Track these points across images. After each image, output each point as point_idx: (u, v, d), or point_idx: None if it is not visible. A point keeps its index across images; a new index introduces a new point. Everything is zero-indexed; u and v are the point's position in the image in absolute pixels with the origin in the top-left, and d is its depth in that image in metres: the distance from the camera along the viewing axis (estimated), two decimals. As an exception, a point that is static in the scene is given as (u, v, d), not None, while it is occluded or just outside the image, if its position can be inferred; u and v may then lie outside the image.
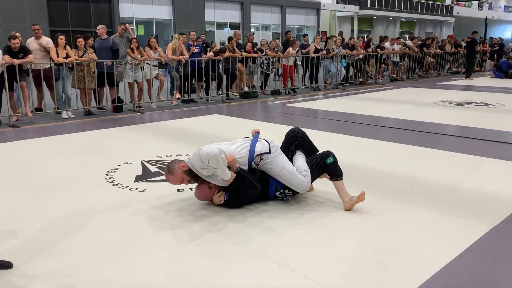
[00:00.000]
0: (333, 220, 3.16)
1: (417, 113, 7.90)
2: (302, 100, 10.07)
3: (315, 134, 6.33)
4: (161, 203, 3.49)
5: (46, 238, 2.87)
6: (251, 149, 3.31)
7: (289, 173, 3.31)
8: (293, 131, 3.60)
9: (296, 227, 3.04)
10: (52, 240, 2.83)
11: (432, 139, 5.85)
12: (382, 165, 4.55)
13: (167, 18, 23.47)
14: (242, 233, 2.94)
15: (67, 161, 4.81)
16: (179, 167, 3.21)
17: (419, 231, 2.98)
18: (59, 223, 3.11)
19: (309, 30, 30.31)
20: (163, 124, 7.18)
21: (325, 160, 3.38)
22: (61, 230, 2.99)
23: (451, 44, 16.87)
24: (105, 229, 3.01)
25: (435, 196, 3.65)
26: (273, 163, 3.31)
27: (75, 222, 3.13)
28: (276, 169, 3.31)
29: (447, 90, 11.63)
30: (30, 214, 3.30)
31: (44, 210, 3.36)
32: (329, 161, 3.37)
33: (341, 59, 12.55)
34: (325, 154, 3.41)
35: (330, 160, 3.37)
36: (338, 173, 3.40)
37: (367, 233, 2.95)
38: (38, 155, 5.12)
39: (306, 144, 3.59)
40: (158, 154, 5.03)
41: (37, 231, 2.99)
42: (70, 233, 2.94)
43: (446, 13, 40.46)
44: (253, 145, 3.35)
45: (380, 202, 3.51)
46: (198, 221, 3.12)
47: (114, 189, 3.87)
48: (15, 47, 7.05)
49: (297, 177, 3.31)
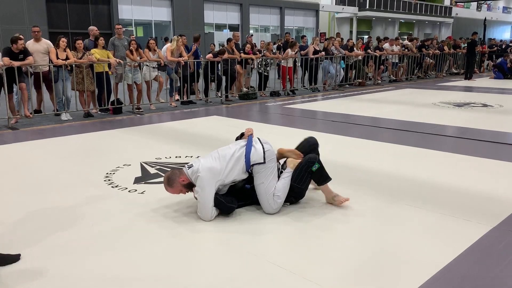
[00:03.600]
0: (332, 222, 3.16)
1: (416, 114, 7.91)
2: (301, 102, 10.07)
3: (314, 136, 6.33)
4: (160, 204, 3.49)
5: (44, 240, 2.86)
6: (247, 161, 3.19)
7: (263, 191, 3.21)
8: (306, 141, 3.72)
9: (295, 228, 3.04)
10: (51, 242, 2.83)
11: (431, 140, 5.85)
12: (381, 166, 4.55)
13: (166, 19, 23.50)
14: (242, 234, 2.94)
15: (66, 163, 4.81)
16: (179, 182, 3.18)
17: (418, 232, 2.98)
18: (57, 225, 3.11)
19: (308, 32, 30.34)
20: (162, 125, 7.18)
21: (311, 168, 3.28)
22: (60, 232, 2.99)
23: (449, 45, 16.89)
24: (104, 231, 3.01)
25: (434, 197, 3.65)
26: (260, 173, 3.21)
27: (74, 224, 3.13)
28: (257, 180, 3.23)
29: (446, 91, 11.64)
30: (28, 215, 3.29)
31: (42, 212, 3.36)
32: (315, 167, 3.28)
33: (340, 60, 12.57)
34: (310, 162, 3.29)
35: (316, 167, 3.28)
36: (324, 178, 3.36)
37: (366, 234, 2.94)
38: (37, 157, 5.12)
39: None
40: (157, 155, 5.03)
41: (34, 232, 2.98)
42: (69, 235, 2.94)
43: (445, 14, 40.53)
44: (247, 153, 3.21)
45: (379, 203, 3.51)
46: (198, 223, 3.12)
47: (113, 190, 3.87)
48: (20, 48, 7.07)
49: (268, 199, 3.20)
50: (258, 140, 3.36)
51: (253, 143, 3.29)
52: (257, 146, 3.27)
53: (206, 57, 9.85)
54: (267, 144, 3.33)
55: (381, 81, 14.31)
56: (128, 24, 22.29)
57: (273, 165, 3.28)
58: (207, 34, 24.35)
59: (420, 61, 15.39)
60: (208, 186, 3.09)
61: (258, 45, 13.98)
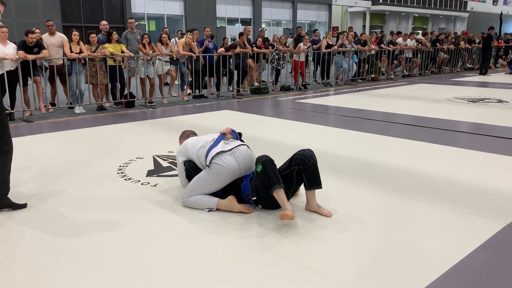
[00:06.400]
0: (344, 218, 3.15)
1: (429, 109, 7.83)
2: (313, 96, 10.03)
3: (326, 130, 6.34)
4: (172, 197, 3.52)
5: (59, 232, 2.91)
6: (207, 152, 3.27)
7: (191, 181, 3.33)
8: (305, 156, 3.12)
9: (306, 223, 3.04)
10: (65, 234, 2.88)
11: (445, 135, 5.80)
12: (393, 162, 4.53)
13: (178, 13, 23.55)
14: (254, 229, 2.96)
15: (79, 155, 4.87)
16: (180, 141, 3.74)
17: (431, 228, 2.97)
18: (72, 217, 3.16)
19: (321, 26, 30.15)
20: (174, 119, 7.22)
21: (256, 169, 3.08)
22: (75, 224, 3.04)
23: (465, 40, 16.64)
24: (118, 223, 3.05)
25: (448, 193, 3.62)
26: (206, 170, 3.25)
27: (88, 216, 3.18)
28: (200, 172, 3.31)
29: (460, 87, 11.49)
30: (43, 207, 3.35)
31: (58, 202, 3.41)
32: (259, 169, 3.02)
33: (353, 55, 12.48)
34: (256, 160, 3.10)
35: (259, 168, 3.02)
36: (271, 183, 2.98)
37: (379, 230, 2.94)
38: (51, 149, 5.19)
39: (312, 175, 3.13)
40: (169, 149, 5.06)
41: (49, 225, 3.03)
42: (84, 226, 2.99)
43: (460, 8, 39.91)
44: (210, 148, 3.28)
45: (391, 199, 3.49)
46: (210, 216, 3.15)
47: (126, 183, 3.91)
48: (32, 41, 7.15)
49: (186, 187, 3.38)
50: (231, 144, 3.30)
51: (221, 143, 3.30)
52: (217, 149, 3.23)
53: (218, 51, 9.85)
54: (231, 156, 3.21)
55: (394, 76, 14.18)
56: (140, 18, 22.39)
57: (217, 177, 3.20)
58: (219, 28, 24.33)
59: (434, 56, 15.21)
60: (179, 156, 3.55)
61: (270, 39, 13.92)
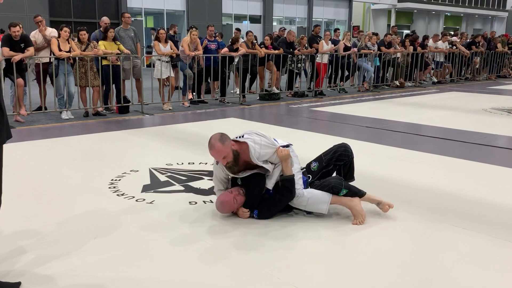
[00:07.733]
0: (366, 245, 3.13)
1: (463, 121, 7.80)
2: (330, 104, 10.05)
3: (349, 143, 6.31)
4: (171, 216, 3.53)
5: (43, 252, 2.92)
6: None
7: None
8: (350, 152, 3.73)
9: (329, 251, 3.03)
10: (49, 255, 2.88)
11: (481, 151, 5.76)
12: (421, 180, 4.50)
13: (179, 9, 23.70)
14: (260, 248, 2.94)
15: (67, 167, 4.90)
16: (230, 144, 3.28)
17: (467, 257, 2.94)
18: (57, 236, 3.17)
19: (340, 24, 30.25)
20: (173, 127, 7.26)
21: (339, 194, 3.47)
22: (60, 244, 3.04)
23: (504, 43, 16.63)
24: (108, 245, 3.05)
25: (485, 217, 3.59)
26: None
27: (75, 236, 3.18)
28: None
29: (498, 96, 11.46)
30: (26, 224, 3.36)
31: (41, 221, 3.42)
32: (342, 193, 3.47)
33: (375, 57, 12.48)
34: (336, 188, 3.46)
35: (343, 193, 3.47)
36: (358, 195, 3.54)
37: (407, 260, 2.91)
38: (35, 160, 5.23)
39: (350, 169, 3.79)
40: (167, 161, 5.08)
41: (33, 244, 3.04)
42: (70, 249, 2.99)
43: (498, 7, 39.94)
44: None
45: (420, 222, 3.47)
46: (211, 236, 3.14)
47: (119, 199, 3.92)
48: (15, 35, 7.26)
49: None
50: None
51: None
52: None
53: (222, 51, 9.82)
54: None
55: (424, 82, 14.18)
56: (137, 13, 22.62)
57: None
58: (225, 25, 24.46)
59: (469, 61, 15.19)
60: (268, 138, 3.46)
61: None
